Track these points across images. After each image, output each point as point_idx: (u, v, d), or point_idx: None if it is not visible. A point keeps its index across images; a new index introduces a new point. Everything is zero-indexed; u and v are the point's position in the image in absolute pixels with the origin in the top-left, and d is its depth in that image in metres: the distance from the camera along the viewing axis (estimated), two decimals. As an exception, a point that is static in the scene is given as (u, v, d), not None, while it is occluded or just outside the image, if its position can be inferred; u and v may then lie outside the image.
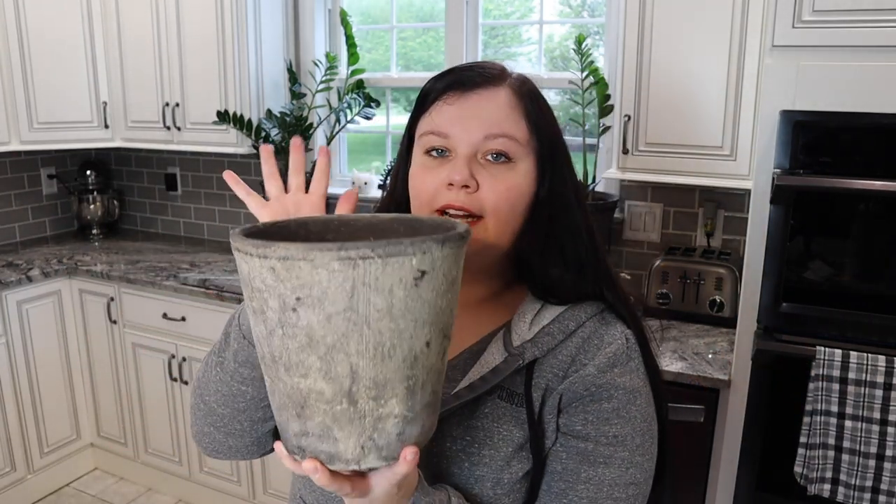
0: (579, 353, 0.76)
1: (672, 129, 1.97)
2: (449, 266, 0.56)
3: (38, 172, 3.21)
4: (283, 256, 0.52)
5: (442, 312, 0.57)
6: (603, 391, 0.74)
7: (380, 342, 0.54)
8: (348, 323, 0.53)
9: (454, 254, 0.56)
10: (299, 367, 0.55)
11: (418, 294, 0.54)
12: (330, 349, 0.54)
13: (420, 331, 0.56)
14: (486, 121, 0.74)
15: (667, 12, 1.91)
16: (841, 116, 1.50)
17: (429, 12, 2.73)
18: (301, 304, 0.53)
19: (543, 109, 0.78)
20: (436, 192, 0.75)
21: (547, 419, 0.74)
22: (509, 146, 0.74)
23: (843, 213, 1.56)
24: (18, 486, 2.68)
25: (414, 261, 0.53)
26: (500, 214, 0.74)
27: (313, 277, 0.52)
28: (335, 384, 0.55)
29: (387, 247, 0.52)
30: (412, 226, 0.67)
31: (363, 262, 0.51)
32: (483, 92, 0.75)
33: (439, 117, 0.76)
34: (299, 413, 0.57)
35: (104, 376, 2.81)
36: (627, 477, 0.74)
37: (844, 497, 1.54)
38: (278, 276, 0.53)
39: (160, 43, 2.70)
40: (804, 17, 1.52)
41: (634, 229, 2.38)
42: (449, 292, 0.57)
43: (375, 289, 0.52)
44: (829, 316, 1.58)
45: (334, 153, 2.95)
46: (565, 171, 0.79)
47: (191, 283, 2.50)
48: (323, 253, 0.51)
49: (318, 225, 0.68)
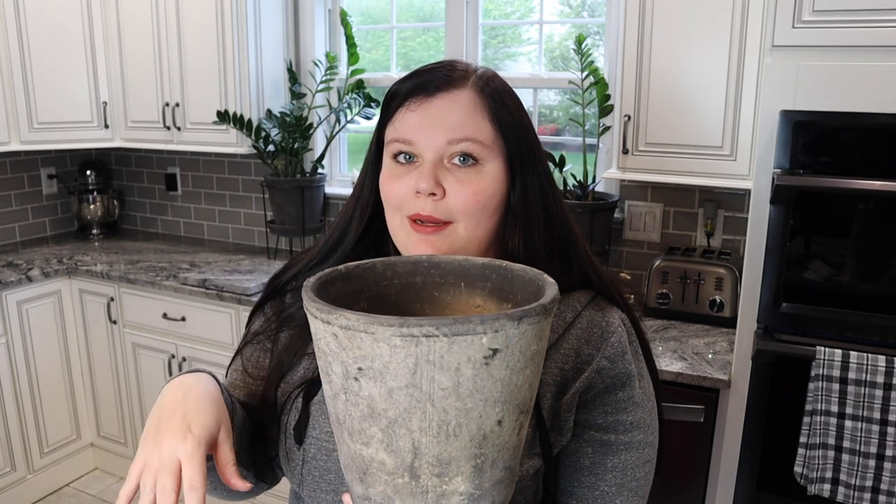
0: (582, 344, 0.76)
1: (672, 129, 1.97)
2: (528, 342, 0.52)
3: (38, 172, 3.21)
4: (345, 326, 0.50)
5: (518, 389, 0.53)
6: (617, 381, 0.76)
7: (444, 420, 0.51)
8: (410, 399, 0.50)
9: (534, 329, 0.52)
10: (361, 435, 0.54)
11: (489, 373, 0.50)
12: (391, 423, 0.52)
13: (490, 410, 0.52)
14: (449, 126, 0.74)
15: (667, 12, 1.91)
16: (841, 116, 1.50)
17: (429, 12, 2.73)
18: (363, 375, 0.51)
19: (510, 107, 0.77)
20: (404, 199, 0.75)
21: (564, 417, 0.75)
22: (473, 149, 0.74)
23: (842, 213, 1.56)
24: (18, 486, 2.68)
25: (485, 339, 0.49)
26: (470, 217, 0.75)
27: (374, 350, 0.50)
28: (397, 457, 0.53)
29: (453, 325, 0.48)
30: (503, 275, 0.63)
31: (427, 340, 0.48)
32: (445, 95, 0.75)
33: (402, 125, 0.76)
34: (362, 478, 0.56)
35: (104, 376, 2.81)
36: (644, 456, 0.78)
37: (844, 497, 1.54)
38: (341, 344, 0.51)
39: (160, 43, 2.70)
40: (804, 17, 1.52)
41: (634, 229, 2.38)
42: (528, 367, 0.53)
43: (440, 367, 0.49)
44: (829, 316, 1.58)
45: (335, 153, 2.96)
46: (538, 166, 0.79)
47: (191, 283, 2.50)
48: (384, 328, 0.48)
49: (406, 266, 0.65)
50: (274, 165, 2.68)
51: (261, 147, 2.61)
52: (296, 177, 2.68)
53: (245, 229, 3.15)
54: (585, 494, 0.77)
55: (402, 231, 0.77)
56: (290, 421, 0.79)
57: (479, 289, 0.65)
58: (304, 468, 0.78)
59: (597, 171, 2.31)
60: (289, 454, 0.79)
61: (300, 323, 0.82)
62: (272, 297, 0.88)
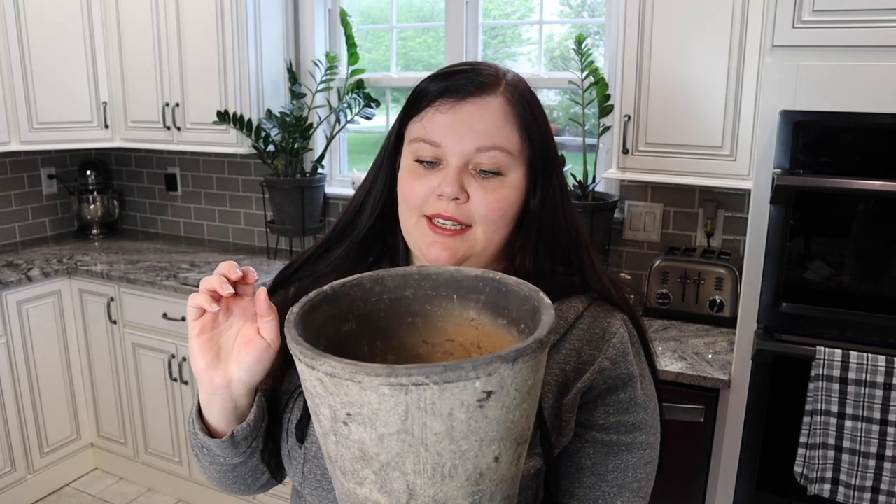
0: (584, 345, 0.76)
1: (672, 129, 1.97)
2: (524, 379, 0.50)
3: (38, 172, 3.21)
4: (329, 373, 0.48)
5: (515, 425, 0.52)
6: (619, 381, 0.76)
7: (439, 463, 0.50)
8: (403, 444, 0.49)
9: (530, 366, 0.50)
10: (354, 476, 0.52)
11: (484, 414, 0.49)
12: (384, 466, 0.50)
13: (486, 449, 0.51)
14: (479, 133, 0.74)
15: (667, 12, 1.91)
16: (841, 116, 1.50)
17: (429, 12, 2.73)
18: (351, 420, 0.49)
19: (536, 114, 0.78)
20: (425, 199, 0.75)
21: (566, 417, 0.75)
22: (501, 159, 0.74)
23: (842, 213, 1.56)
24: (18, 486, 2.68)
25: (477, 384, 0.47)
26: (490, 224, 0.75)
27: (362, 398, 0.48)
28: (392, 497, 0.52)
29: (444, 372, 0.46)
30: (497, 289, 0.61)
31: (416, 388, 0.47)
32: (477, 101, 0.75)
33: (431, 125, 0.75)
34: None
35: (104, 376, 2.81)
36: (646, 457, 0.78)
37: (844, 497, 1.54)
38: (327, 389, 0.49)
39: (160, 43, 2.70)
40: (804, 17, 1.52)
41: (634, 229, 2.38)
42: (525, 402, 0.51)
43: (432, 413, 0.48)
44: (829, 316, 1.58)
45: (335, 153, 2.96)
46: (555, 175, 0.79)
47: (191, 283, 2.50)
48: (370, 378, 0.47)
49: (395, 280, 0.63)
50: (274, 165, 2.68)
51: (261, 147, 2.61)
52: (296, 177, 2.68)
53: (245, 229, 3.15)
54: (587, 495, 0.77)
55: (417, 231, 0.77)
56: (292, 419, 0.79)
57: (473, 301, 0.64)
58: (306, 466, 0.78)
59: (597, 171, 2.31)
60: (290, 452, 0.79)
61: None
62: (277, 290, 0.88)
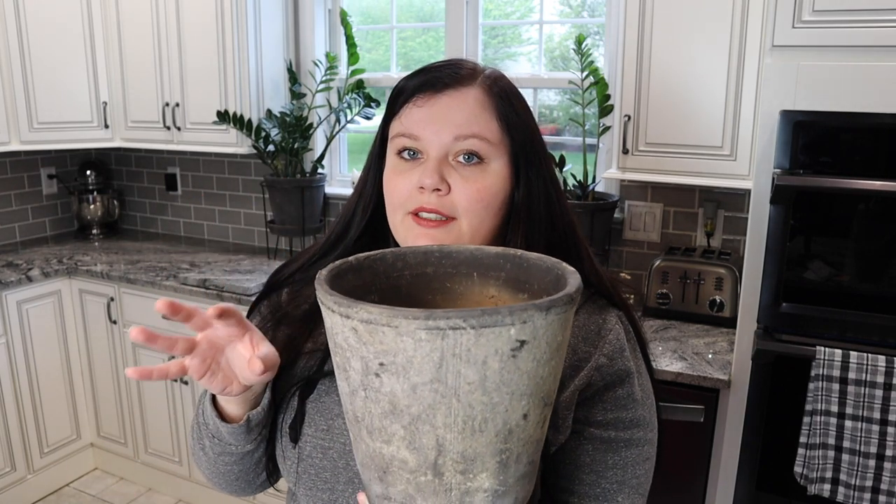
0: (580, 342, 0.76)
1: (672, 129, 1.97)
2: (554, 333, 0.50)
3: (38, 172, 3.21)
4: (366, 320, 0.48)
5: (544, 382, 0.52)
6: (616, 378, 0.76)
7: (470, 416, 0.49)
8: (435, 394, 0.49)
9: (560, 320, 0.50)
10: (382, 433, 0.52)
11: (516, 365, 0.49)
12: (415, 419, 0.50)
13: (517, 403, 0.50)
14: (456, 122, 0.74)
15: (667, 12, 1.91)
16: (841, 116, 1.50)
17: (429, 12, 2.73)
18: (384, 371, 0.49)
19: (517, 107, 0.78)
20: (408, 194, 0.76)
21: (562, 414, 0.75)
22: (480, 146, 0.75)
23: (842, 213, 1.56)
24: (18, 486, 2.68)
25: (512, 331, 0.47)
26: (474, 215, 0.75)
27: (398, 345, 0.48)
28: (420, 455, 0.51)
29: (481, 317, 0.46)
30: (519, 264, 0.62)
31: (453, 333, 0.46)
32: (453, 93, 0.75)
33: (409, 120, 0.76)
34: (381, 477, 0.54)
35: (104, 376, 2.81)
36: (644, 453, 0.78)
37: (844, 497, 1.54)
38: (361, 339, 0.49)
39: (160, 43, 2.70)
40: (804, 17, 1.52)
41: (634, 229, 2.38)
42: (553, 359, 0.52)
43: (467, 361, 0.47)
44: (829, 316, 1.58)
45: (335, 153, 2.96)
46: (542, 167, 0.79)
47: (191, 283, 2.50)
48: (409, 321, 0.46)
49: (416, 257, 0.63)
50: (274, 165, 2.68)
51: (261, 147, 2.61)
52: (296, 177, 2.68)
53: (245, 229, 3.15)
54: (586, 492, 0.77)
55: (403, 227, 0.77)
56: (286, 419, 0.79)
57: (493, 279, 0.64)
58: (300, 466, 0.78)
59: (597, 171, 2.31)
60: (284, 452, 0.79)
61: (297, 321, 0.82)
62: (271, 293, 0.88)
